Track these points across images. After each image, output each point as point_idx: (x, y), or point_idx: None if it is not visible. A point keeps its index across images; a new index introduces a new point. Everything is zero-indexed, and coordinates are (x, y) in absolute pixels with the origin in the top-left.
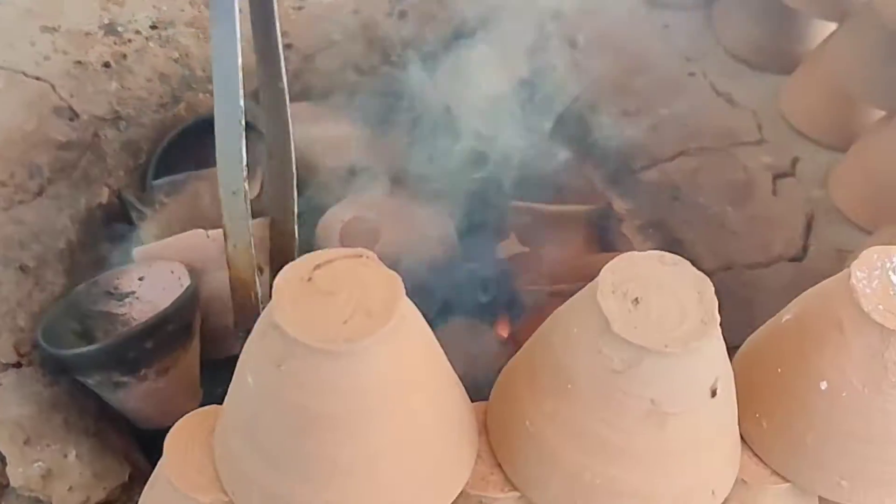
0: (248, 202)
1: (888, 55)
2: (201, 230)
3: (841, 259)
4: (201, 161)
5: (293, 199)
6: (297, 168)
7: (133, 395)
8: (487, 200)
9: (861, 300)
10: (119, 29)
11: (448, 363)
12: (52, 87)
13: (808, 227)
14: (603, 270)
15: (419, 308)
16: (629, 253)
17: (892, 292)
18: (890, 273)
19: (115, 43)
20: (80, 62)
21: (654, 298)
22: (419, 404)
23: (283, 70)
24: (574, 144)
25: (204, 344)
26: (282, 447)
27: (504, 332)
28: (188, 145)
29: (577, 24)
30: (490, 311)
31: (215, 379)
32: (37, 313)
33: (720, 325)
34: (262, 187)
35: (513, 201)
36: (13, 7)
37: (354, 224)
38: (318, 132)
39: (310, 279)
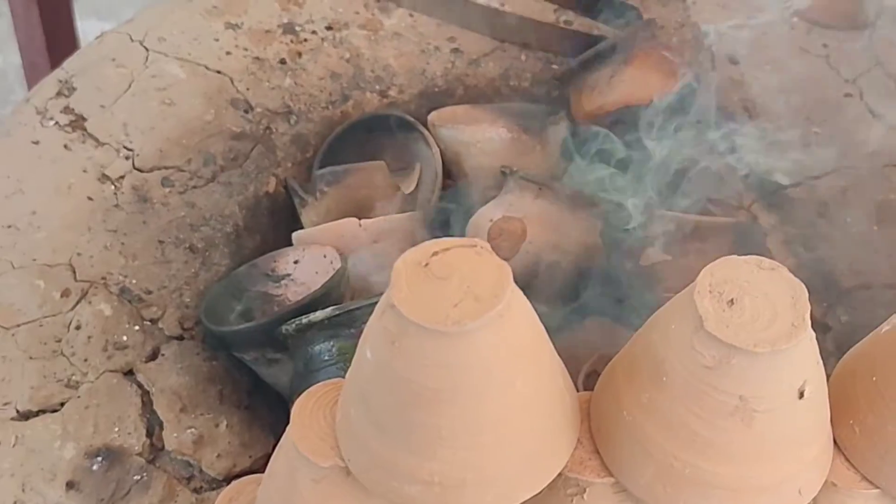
0: None
1: None
2: (354, 219)
3: None
4: (365, 155)
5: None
6: (453, 168)
7: (285, 371)
8: (635, 207)
9: None
10: (297, 28)
11: (554, 352)
12: (231, 80)
13: None
14: (702, 272)
15: (558, 304)
16: (730, 257)
17: None
18: None
19: (291, 41)
20: (258, 58)
21: (748, 300)
22: (522, 386)
23: None
24: (724, 156)
25: None
26: (392, 418)
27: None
28: (353, 141)
29: (736, 40)
30: (625, 314)
31: None
32: (201, 291)
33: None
34: (418, 184)
35: (659, 210)
36: (202, 4)
37: (502, 223)
38: (475, 134)
39: (426, 264)
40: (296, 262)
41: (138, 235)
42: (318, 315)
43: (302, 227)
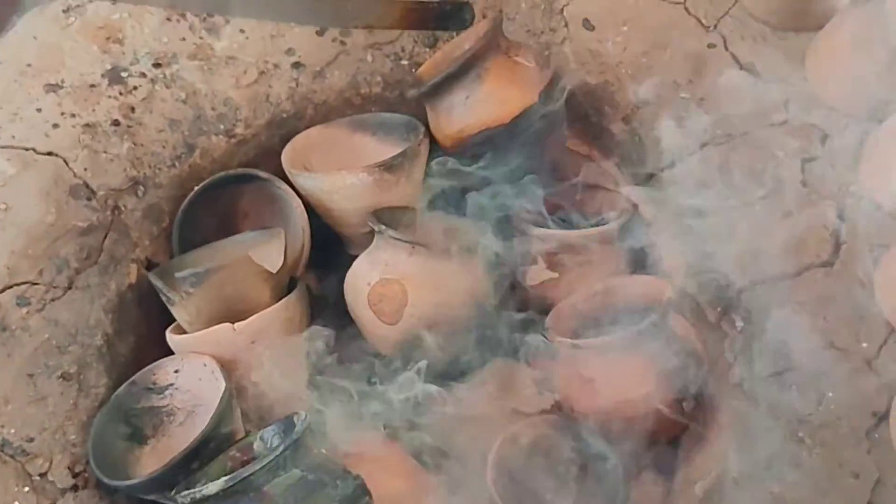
0: None
1: None
2: (227, 325)
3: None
4: (223, 217)
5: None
6: (318, 210)
7: None
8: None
9: None
10: (123, 74)
11: None
12: (65, 161)
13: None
14: None
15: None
16: None
17: None
18: None
19: (120, 93)
20: (89, 125)
21: None
22: None
23: None
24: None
25: None
26: None
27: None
28: (207, 201)
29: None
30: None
31: None
32: (85, 423)
33: None
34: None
35: (536, 230)
36: (15, 67)
37: (381, 288)
38: (335, 182)
39: None
40: (176, 372)
41: (5, 373)
42: (212, 488)
43: (173, 319)
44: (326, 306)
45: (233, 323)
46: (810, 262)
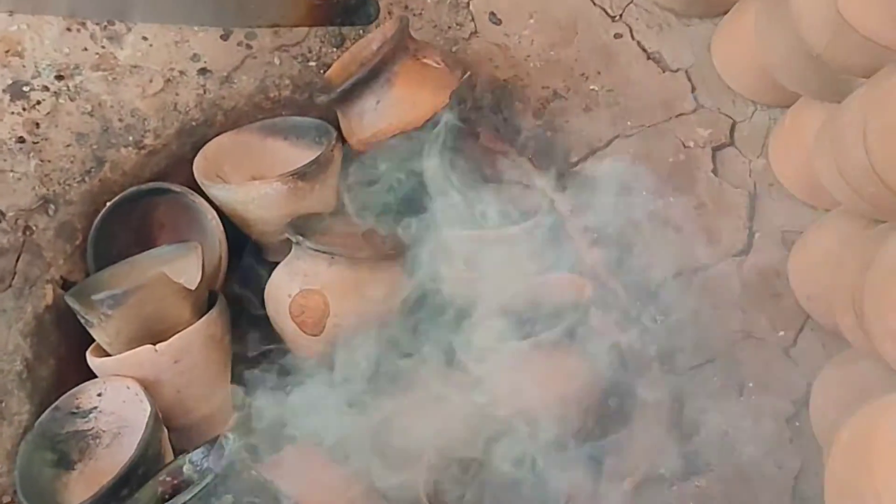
0: None
1: None
2: (150, 346)
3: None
4: (138, 231)
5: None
6: (234, 220)
7: None
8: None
9: None
10: (25, 88)
11: None
12: None
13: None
14: None
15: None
16: None
17: None
18: None
19: (24, 109)
20: None
21: None
22: None
23: None
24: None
25: None
26: None
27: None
28: (121, 216)
29: None
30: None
31: None
32: (10, 451)
33: None
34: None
35: (454, 230)
36: None
37: (302, 300)
38: (249, 192)
39: None
40: (99, 395)
41: None
42: None
43: (93, 339)
44: (246, 315)
45: (154, 343)
46: (725, 251)
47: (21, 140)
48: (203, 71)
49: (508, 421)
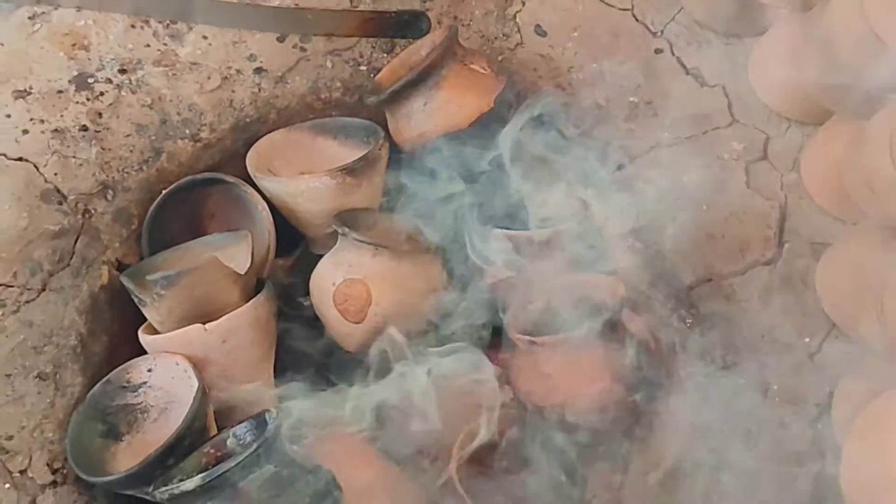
0: None
1: None
2: (199, 325)
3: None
4: (191, 219)
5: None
6: (283, 212)
7: None
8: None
9: None
10: (90, 80)
11: None
12: (35, 167)
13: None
14: None
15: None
16: None
17: None
18: None
19: (87, 99)
20: (57, 130)
21: None
22: None
23: None
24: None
25: None
26: None
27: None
28: (175, 204)
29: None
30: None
31: None
32: (62, 420)
33: None
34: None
35: (494, 231)
36: None
37: (345, 289)
38: (299, 185)
39: None
40: (149, 371)
41: None
42: (188, 485)
43: (145, 318)
44: (294, 303)
45: (203, 323)
46: (755, 260)
47: (84, 128)
48: (259, 70)
49: (542, 412)
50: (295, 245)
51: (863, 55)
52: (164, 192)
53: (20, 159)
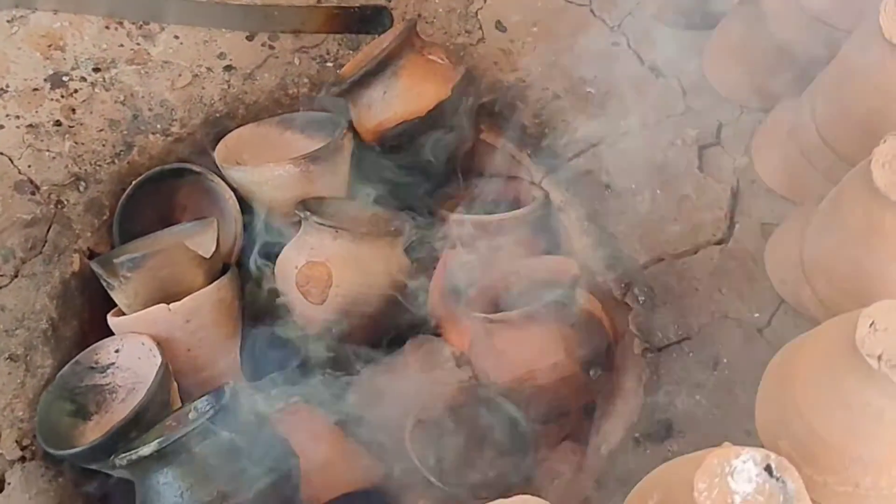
0: None
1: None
2: (163, 305)
3: (766, 234)
4: (161, 210)
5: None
6: (250, 202)
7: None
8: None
9: None
10: (65, 79)
11: None
12: (10, 159)
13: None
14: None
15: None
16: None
17: (729, 500)
18: (728, 479)
19: (62, 96)
20: (32, 125)
21: None
22: None
23: None
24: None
25: None
26: None
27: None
28: (146, 194)
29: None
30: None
31: None
32: (32, 399)
33: None
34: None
35: (454, 215)
36: None
37: (307, 270)
38: (264, 174)
39: None
40: (117, 351)
41: None
42: (146, 450)
43: (115, 305)
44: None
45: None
46: (706, 240)
47: (58, 123)
48: (228, 68)
49: (497, 387)
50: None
51: (794, 30)
52: (134, 182)
53: None
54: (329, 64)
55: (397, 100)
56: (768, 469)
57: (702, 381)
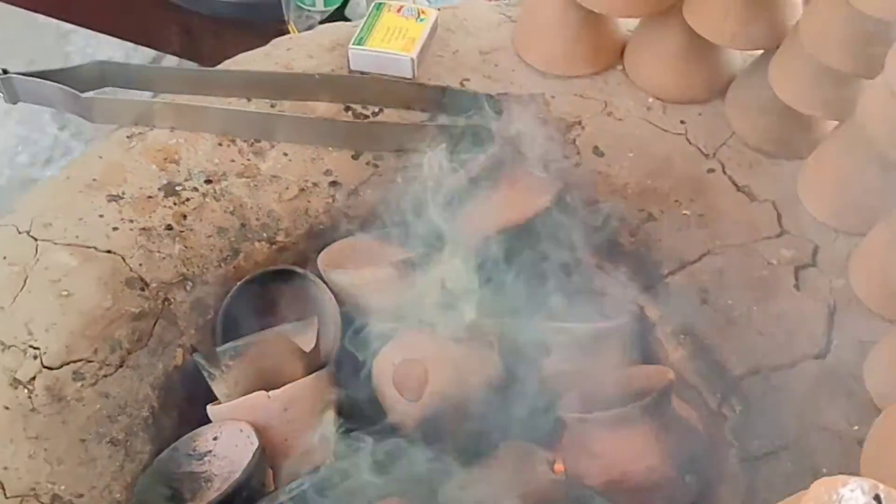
0: None
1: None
2: (262, 392)
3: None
4: (263, 309)
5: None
6: (349, 308)
7: None
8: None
9: None
10: (178, 188)
11: None
12: (123, 258)
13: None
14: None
15: (469, 440)
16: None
17: None
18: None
19: (174, 203)
20: (145, 228)
21: None
22: None
23: None
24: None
25: None
26: None
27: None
28: (249, 296)
29: (599, 132)
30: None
31: None
32: (129, 483)
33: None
34: (318, 337)
35: (550, 323)
36: (81, 181)
37: (404, 368)
38: (364, 276)
39: None
40: (215, 439)
41: (60, 438)
42: None
43: (216, 397)
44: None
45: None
46: (803, 354)
47: (169, 228)
48: (333, 183)
49: (590, 488)
50: None
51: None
52: (238, 283)
53: (109, 252)
54: (430, 182)
55: (496, 209)
56: (877, 499)
57: (801, 490)
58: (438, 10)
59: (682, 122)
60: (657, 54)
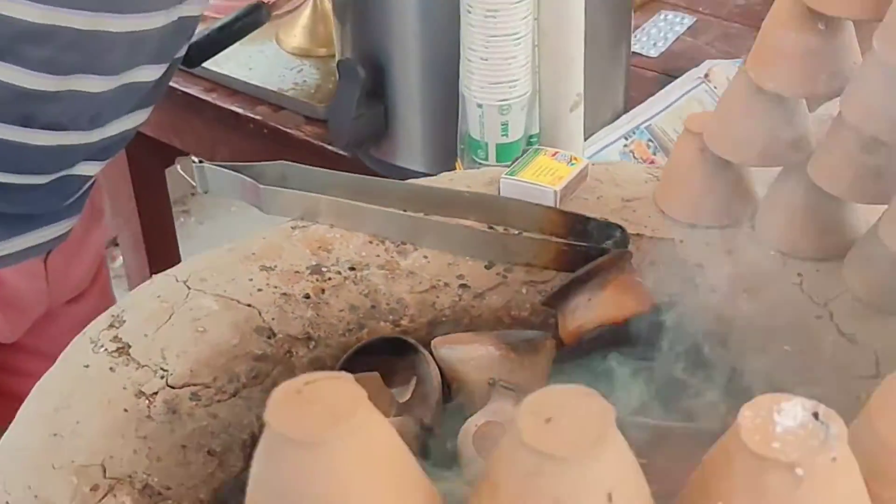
0: None
1: None
2: None
3: None
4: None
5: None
6: (453, 385)
7: None
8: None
9: (742, 433)
10: (323, 269)
11: (419, 471)
12: (259, 311)
13: None
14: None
15: None
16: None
17: (770, 428)
18: (774, 413)
19: (317, 280)
20: (285, 294)
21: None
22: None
23: None
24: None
25: None
26: None
27: None
28: (363, 363)
29: (718, 274)
30: None
31: None
32: (216, 489)
33: None
34: (413, 395)
35: (631, 417)
36: (242, 252)
37: (485, 428)
38: (468, 352)
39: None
40: None
41: (164, 441)
42: None
43: None
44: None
45: None
46: None
47: (307, 296)
48: (463, 286)
49: None
50: None
51: None
52: (354, 347)
53: (249, 305)
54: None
55: (600, 307)
56: (815, 415)
57: None
58: (592, 163)
59: (798, 273)
60: (782, 207)
